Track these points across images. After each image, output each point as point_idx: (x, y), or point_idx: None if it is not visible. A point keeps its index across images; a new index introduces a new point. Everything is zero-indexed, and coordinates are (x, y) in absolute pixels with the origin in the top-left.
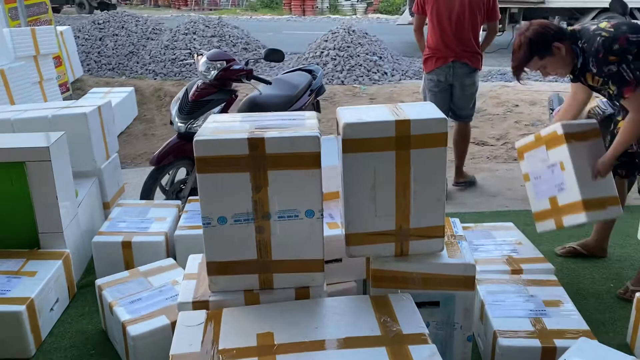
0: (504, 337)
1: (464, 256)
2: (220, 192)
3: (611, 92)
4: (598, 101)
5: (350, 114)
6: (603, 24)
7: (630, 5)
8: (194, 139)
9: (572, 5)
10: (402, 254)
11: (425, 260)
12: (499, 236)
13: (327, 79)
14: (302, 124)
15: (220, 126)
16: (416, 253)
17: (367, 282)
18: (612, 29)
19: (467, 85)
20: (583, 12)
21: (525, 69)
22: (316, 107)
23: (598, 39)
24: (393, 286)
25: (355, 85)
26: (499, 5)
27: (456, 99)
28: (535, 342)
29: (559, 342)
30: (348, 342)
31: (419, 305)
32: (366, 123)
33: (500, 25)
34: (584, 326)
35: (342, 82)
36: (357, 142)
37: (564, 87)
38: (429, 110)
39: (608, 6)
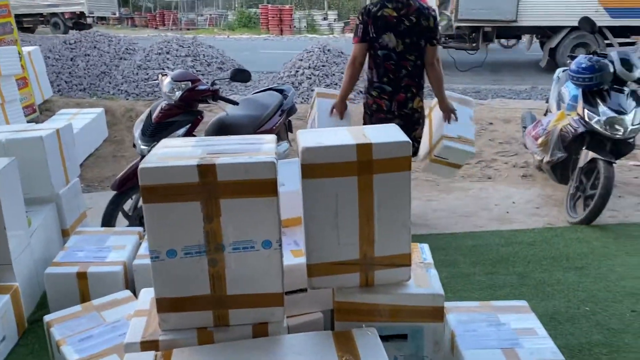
0: None
1: (433, 285)
2: (169, 223)
3: None
4: (570, 119)
5: (310, 137)
6: None
7: (598, 24)
8: (139, 166)
9: (542, 24)
10: (368, 285)
11: (391, 291)
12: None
13: (303, 98)
14: (258, 148)
15: (169, 152)
16: (382, 283)
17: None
18: None
19: None
20: (554, 30)
21: None
22: (288, 127)
23: None
24: (358, 319)
25: None
26: (474, 25)
27: None
28: None
29: None
30: None
31: (386, 338)
32: (326, 147)
33: (475, 44)
34: (559, 357)
35: None
36: (316, 167)
37: (538, 104)
38: (392, 134)
39: (577, 25)
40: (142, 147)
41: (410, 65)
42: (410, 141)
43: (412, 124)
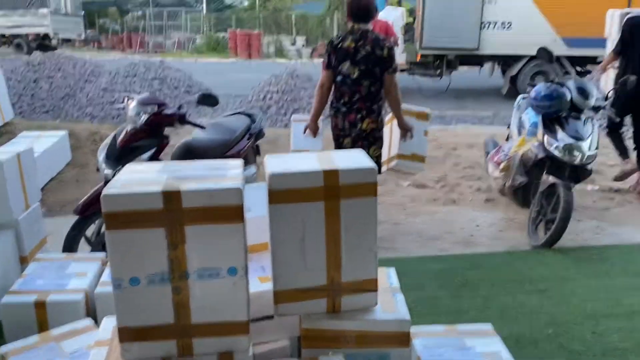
0: None
1: (399, 310)
2: (132, 250)
3: None
4: (530, 145)
5: (277, 163)
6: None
7: (556, 54)
8: (102, 193)
9: (503, 52)
10: (335, 311)
11: (358, 317)
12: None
13: (271, 122)
14: (224, 174)
15: (134, 177)
16: (349, 309)
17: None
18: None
19: None
20: (515, 58)
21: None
22: (256, 151)
23: None
24: (325, 346)
25: None
26: (438, 53)
27: None
28: None
29: None
30: None
31: None
32: (293, 173)
33: (439, 71)
34: None
35: (286, 125)
36: (283, 193)
37: (500, 130)
38: (359, 160)
39: (536, 54)
40: (106, 171)
41: (363, 91)
42: (375, 168)
43: (360, 140)
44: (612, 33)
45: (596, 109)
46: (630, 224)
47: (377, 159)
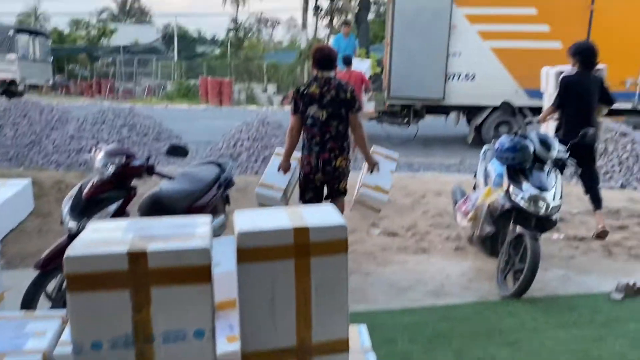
0: None
1: None
2: (95, 313)
3: None
4: (497, 195)
5: (246, 219)
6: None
7: (518, 104)
8: (65, 254)
9: (467, 103)
10: None
11: None
12: None
13: (241, 169)
14: (192, 232)
15: (98, 236)
16: None
17: None
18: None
19: None
20: (479, 109)
21: None
22: (226, 201)
23: None
24: None
25: None
26: (405, 103)
27: None
28: None
29: None
30: None
31: None
32: (262, 231)
33: (406, 120)
34: None
35: (256, 172)
36: (253, 251)
37: (467, 178)
38: (329, 216)
39: (499, 107)
40: (70, 224)
41: (332, 131)
42: (346, 225)
43: (334, 178)
44: (548, 88)
45: (558, 160)
46: (595, 272)
47: (344, 189)
